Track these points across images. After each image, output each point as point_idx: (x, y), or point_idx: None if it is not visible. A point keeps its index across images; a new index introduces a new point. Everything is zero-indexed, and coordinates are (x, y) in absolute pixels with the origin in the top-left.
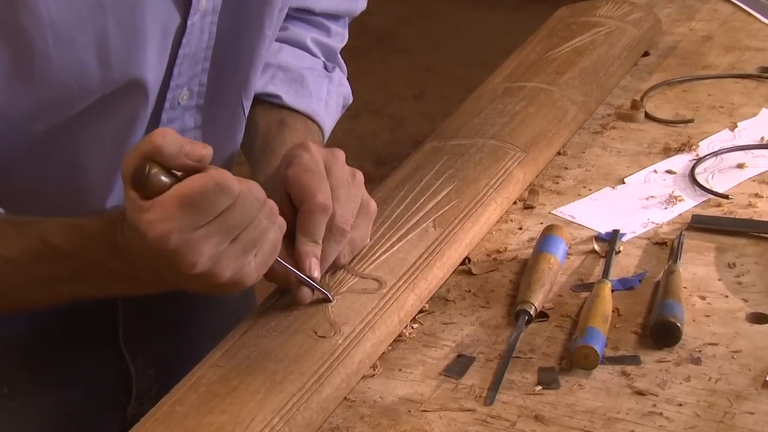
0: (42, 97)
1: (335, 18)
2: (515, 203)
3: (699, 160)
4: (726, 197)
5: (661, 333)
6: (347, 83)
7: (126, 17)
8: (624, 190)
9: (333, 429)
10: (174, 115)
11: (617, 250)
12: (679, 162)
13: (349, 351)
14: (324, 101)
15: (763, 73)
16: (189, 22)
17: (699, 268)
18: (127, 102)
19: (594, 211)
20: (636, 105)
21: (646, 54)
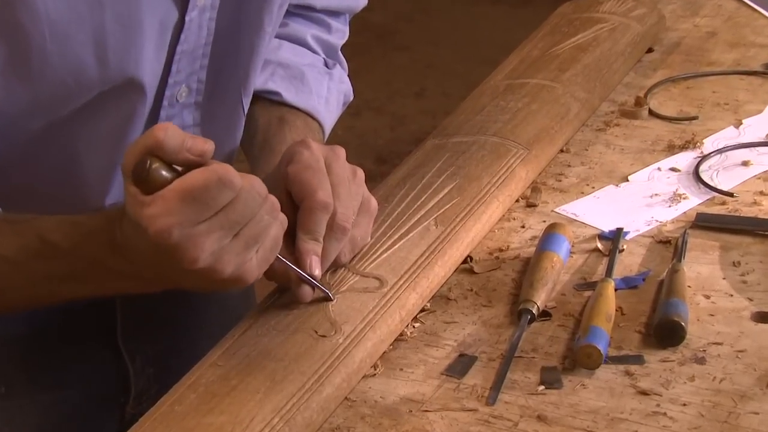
0: (39, 94)
1: (336, 14)
2: (517, 201)
3: (703, 157)
4: (731, 195)
5: (665, 332)
6: (348, 80)
7: (123, 13)
8: (627, 187)
9: (333, 429)
10: (172, 113)
11: (621, 248)
12: (684, 159)
13: (350, 350)
14: (324, 98)
15: None
16: (187, 18)
17: (703, 266)
18: (125, 99)
19: (597, 209)
20: (640, 102)
21: (649, 50)
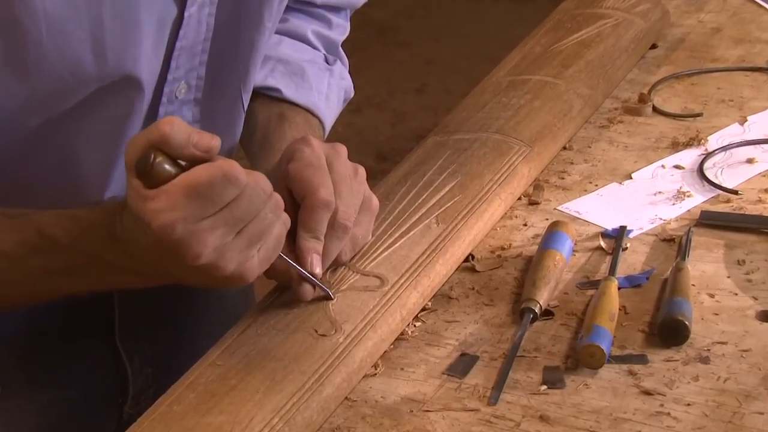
0: (36, 90)
1: (337, 10)
2: (520, 199)
3: (708, 154)
4: (735, 193)
5: (669, 331)
6: (349, 76)
7: (121, 9)
8: (631, 185)
9: (334, 429)
10: (172, 109)
11: (624, 246)
12: (688, 157)
13: (350, 350)
14: (325, 95)
15: None
16: (186, 13)
17: (708, 265)
18: (123, 95)
19: (600, 207)
20: (643, 99)
21: (653, 46)
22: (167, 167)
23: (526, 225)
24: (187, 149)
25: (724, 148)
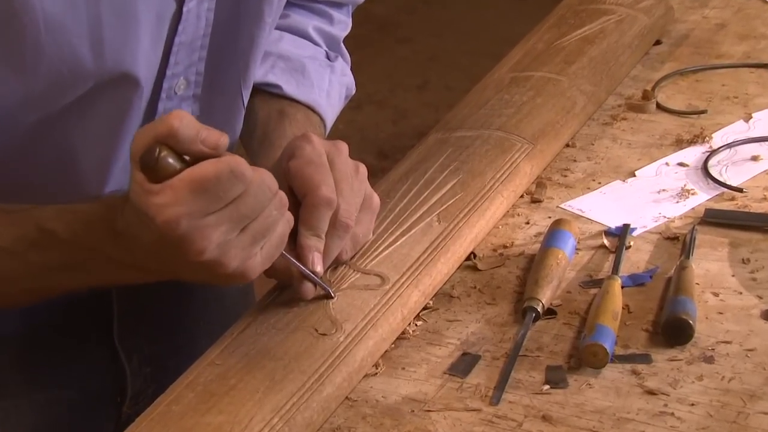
0: (33, 86)
1: (338, 5)
2: (522, 197)
3: (712, 152)
4: (740, 191)
5: (673, 331)
6: (350, 73)
7: (119, 3)
8: (635, 183)
9: (334, 429)
10: (171, 106)
11: (628, 245)
12: (692, 154)
13: (351, 349)
14: (326, 91)
15: None
16: (185, 8)
17: (712, 263)
18: (121, 92)
19: (604, 205)
20: (647, 95)
21: (657, 42)
22: (172, 162)
23: (528, 223)
24: (195, 145)
25: (728, 145)
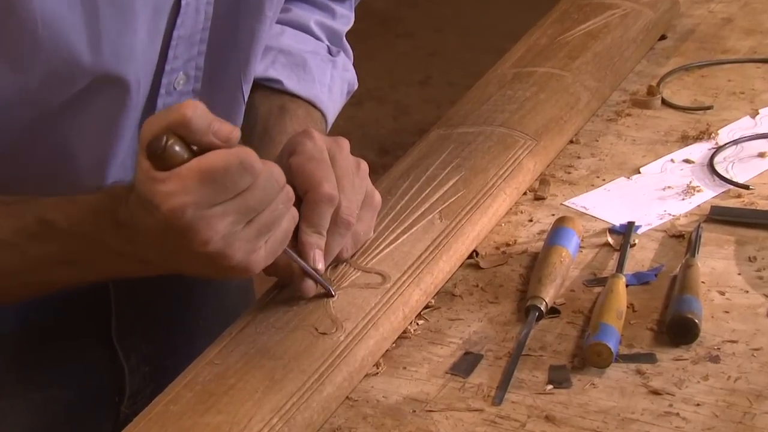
0: (30, 81)
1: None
2: (525, 194)
3: (718, 148)
4: (746, 188)
5: (678, 330)
6: (352, 68)
7: None
8: (639, 180)
9: (335, 429)
10: (170, 101)
11: (632, 243)
12: (698, 151)
13: (352, 348)
14: (327, 87)
15: None
16: (183, 1)
17: (718, 261)
18: (119, 87)
19: (608, 202)
20: (652, 91)
21: (662, 37)
22: (179, 150)
23: (531, 221)
24: (206, 136)
25: (735, 141)
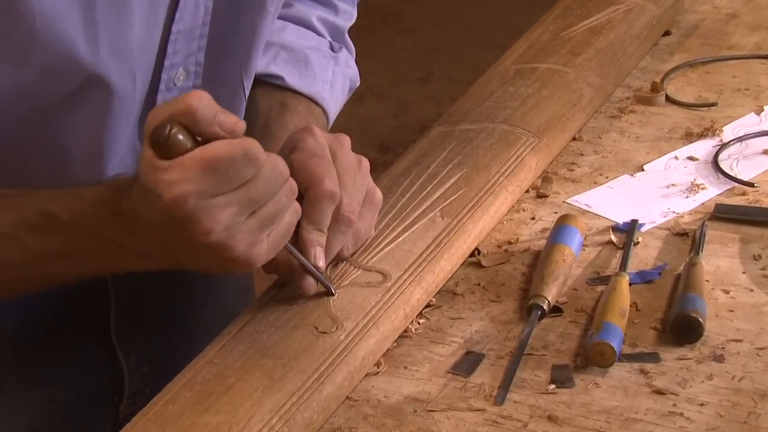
0: (26, 76)
1: None
2: (527, 191)
3: (723, 145)
4: (751, 185)
5: (682, 329)
6: (354, 65)
7: None
8: (643, 177)
9: (335, 429)
10: (170, 97)
11: (636, 241)
12: (702, 148)
13: (352, 347)
14: (329, 83)
15: None
16: None
17: (722, 260)
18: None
19: (611, 200)
20: (656, 87)
21: (666, 33)
22: (183, 139)
23: (534, 218)
24: (211, 127)
25: (739, 138)
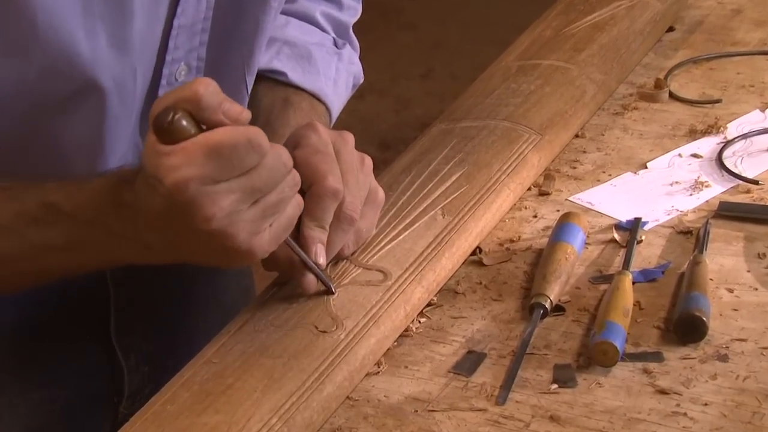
0: (27, 72)
1: None
2: (530, 189)
3: (727, 143)
4: (756, 183)
5: (686, 328)
6: (358, 61)
7: None
8: (646, 175)
9: (335, 430)
10: None
11: (639, 239)
12: (706, 145)
13: (352, 347)
14: (332, 80)
15: None
16: None
17: (726, 258)
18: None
19: (614, 198)
20: (659, 84)
21: (670, 29)
22: (186, 125)
23: (536, 216)
24: (216, 114)
25: (744, 135)
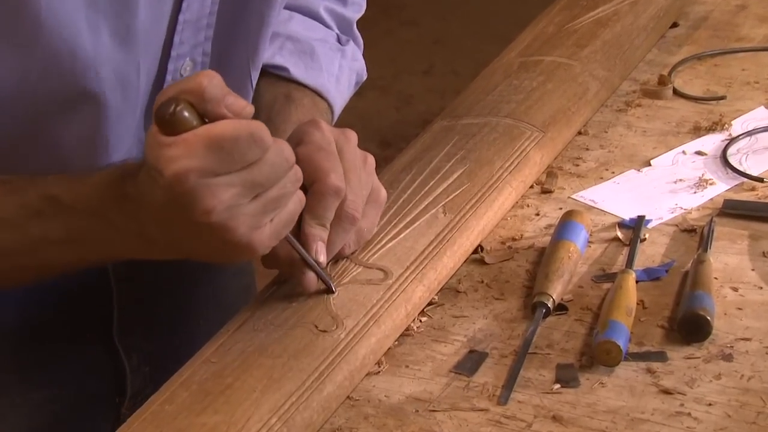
0: (30, 69)
1: None
2: (532, 187)
3: (731, 140)
4: (761, 180)
5: (690, 327)
6: (362, 58)
7: None
8: (650, 172)
9: (335, 430)
10: None
11: (642, 237)
12: (710, 142)
13: (353, 346)
14: (335, 77)
15: None
16: None
17: (731, 257)
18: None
19: (617, 196)
20: (663, 81)
21: (674, 25)
22: (188, 116)
23: (538, 214)
24: (219, 107)
25: (748, 133)
